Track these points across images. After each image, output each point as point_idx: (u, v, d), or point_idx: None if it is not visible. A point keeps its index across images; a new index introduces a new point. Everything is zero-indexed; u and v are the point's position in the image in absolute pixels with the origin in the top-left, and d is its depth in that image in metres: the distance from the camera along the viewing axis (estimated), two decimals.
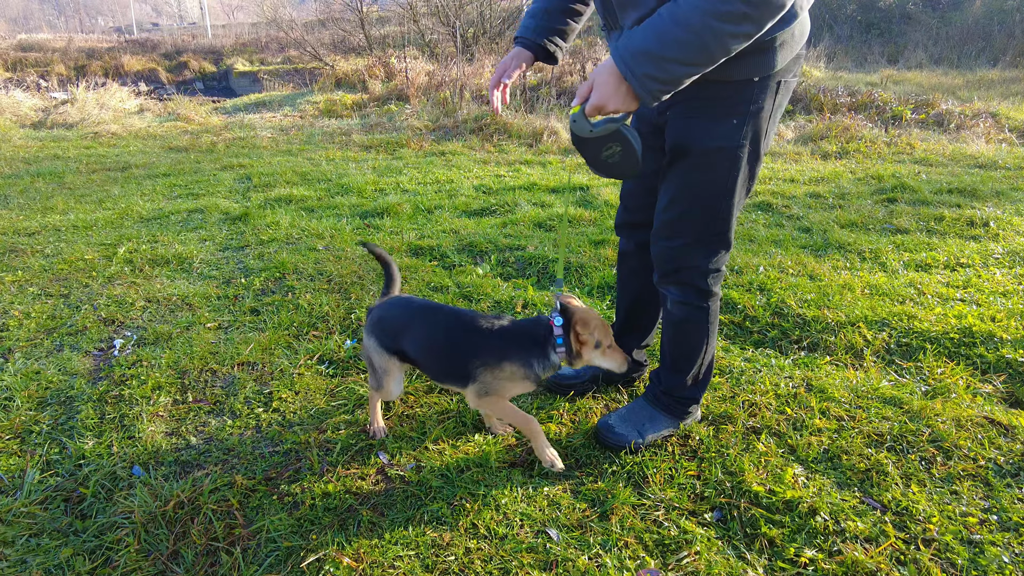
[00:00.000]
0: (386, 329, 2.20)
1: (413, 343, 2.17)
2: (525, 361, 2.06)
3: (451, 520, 1.94)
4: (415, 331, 2.18)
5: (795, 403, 2.49)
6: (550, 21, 2.12)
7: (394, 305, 2.26)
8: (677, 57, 1.48)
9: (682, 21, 1.44)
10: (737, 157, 1.82)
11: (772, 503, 1.98)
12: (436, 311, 2.21)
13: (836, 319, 3.13)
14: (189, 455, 2.29)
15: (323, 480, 2.12)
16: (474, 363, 2.06)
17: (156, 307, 3.52)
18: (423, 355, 2.17)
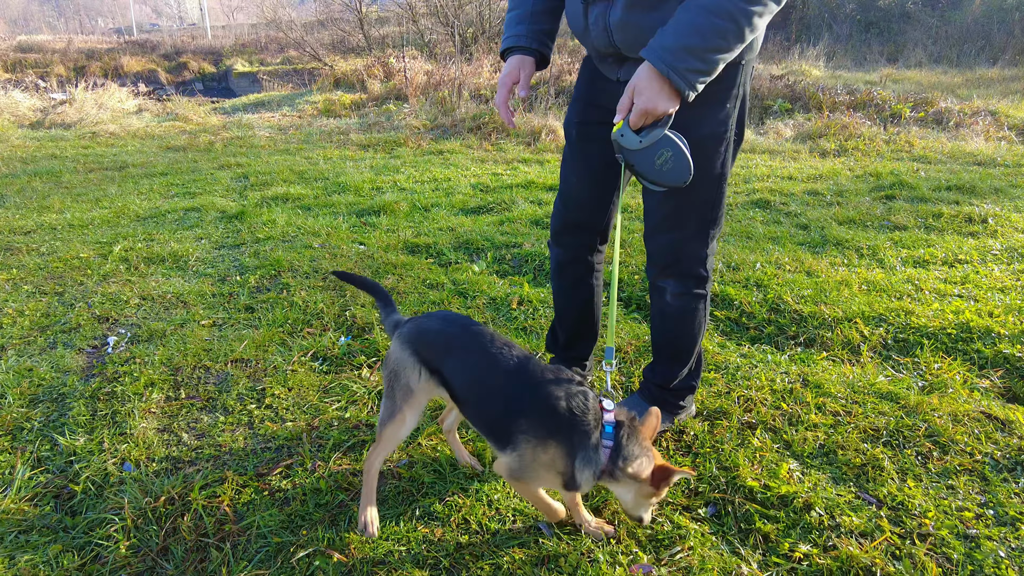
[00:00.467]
0: (430, 343, 1.81)
1: (462, 370, 1.77)
2: (569, 450, 1.63)
3: (443, 516, 1.93)
4: (467, 356, 1.77)
5: (791, 398, 2.48)
6: (540, 24, 2.02)
7: (439, 319, 1.90)
8: (718, 46, 1.52)
9: (716, 10, 1.48)
10: (727, 140, 1.86)
11: (767, 498, 1.97)
12: (493, 341, 1.77)
13: (833, 315, 3.12)
14: (181, 452, 2.27)
15: (315, 476, 2.11)
16: (519, 425, 1.65)
17: (151, 304, 3.51)
18: (471, 388, 1.76)
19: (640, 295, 3.43)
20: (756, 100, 10.85)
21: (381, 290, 2.14)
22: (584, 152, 2.09)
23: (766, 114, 10.36)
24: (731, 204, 5.29)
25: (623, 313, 3.27)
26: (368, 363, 2.79)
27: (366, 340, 2.97)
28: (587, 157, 2.09)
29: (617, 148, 1.69)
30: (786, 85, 11.34)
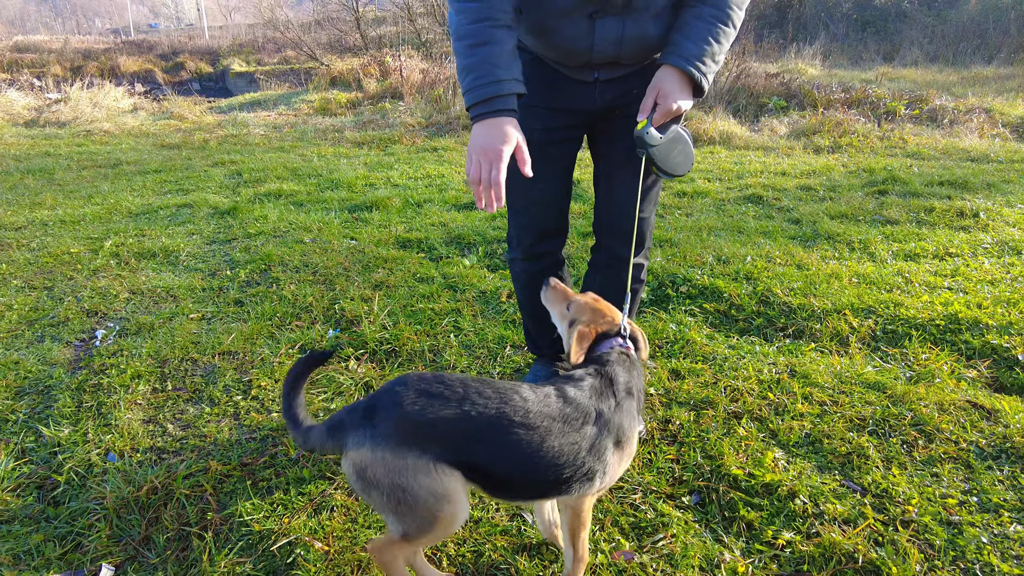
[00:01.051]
0: (445, 433, 1.34)
1: (498, 452, 1.37)
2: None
3: None
4: (497, 434, 1.36)
5: (778, 388, 2.48)
6: (516, 67, 1.66)
7: (432, 392, 1.38)
8: (726, 48, 1.74)
9: (725, 19, 1.70)
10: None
11: (751, 486, 1.97)
12: (511, 393, 1.41)
13: (822, 307, 3.12)
14: (165, 442, 2.26)
15: (298, 466, 2.10)
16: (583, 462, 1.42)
17: (140, 299, 3.50)
18: (514, 468, 1.39)
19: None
20: (751, 98, 10.85)
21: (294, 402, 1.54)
22: (551, 156, 2.02)
23: (761, 112, 10.36)
24: (724, 199, 5.30)
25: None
26: (356, 355, 2.79)
27: (354, 333, 2.97)
28: (554, 161, 2.04)
29: (640, 144, 1.78)
30: (781, 83, 11.35)
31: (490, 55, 1.59)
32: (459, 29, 1.62)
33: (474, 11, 1.59)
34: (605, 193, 2.10)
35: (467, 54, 1.60)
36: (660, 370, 2.61)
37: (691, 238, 4.20)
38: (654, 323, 3.03)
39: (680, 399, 2.42)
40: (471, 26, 1.59)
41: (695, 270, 3.57)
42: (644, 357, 1.70)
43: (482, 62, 1.59)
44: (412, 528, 1.36)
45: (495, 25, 1.60)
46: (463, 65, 1.62)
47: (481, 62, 1.59)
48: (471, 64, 1.60)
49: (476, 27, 1.59)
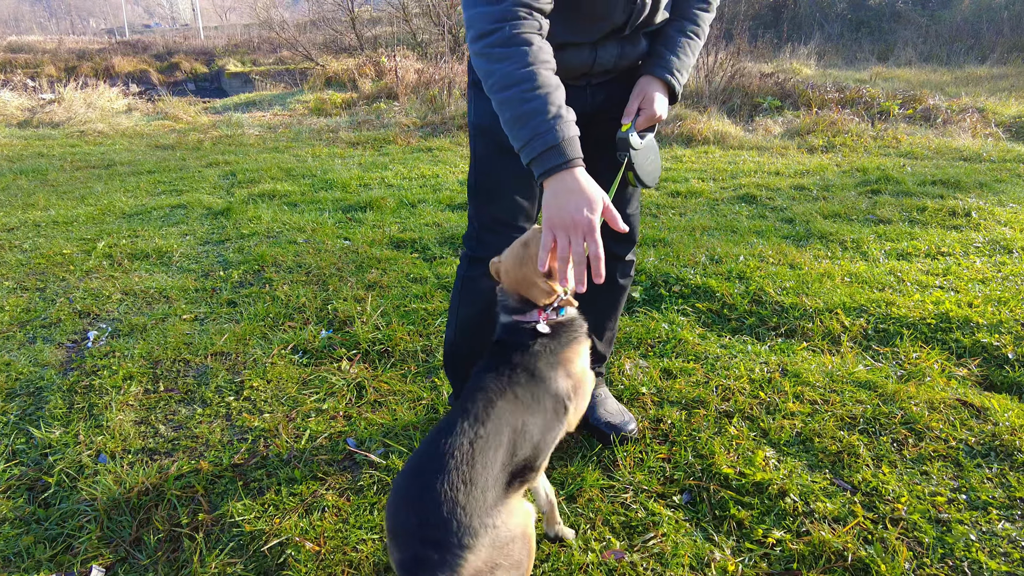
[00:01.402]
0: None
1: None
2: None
3: None
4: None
5: (769, 387, 2.48)
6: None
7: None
8: (695, 63, 1.95)
9: (700, 34, 1.84)
10: None
11: (742, 485, 1.97)
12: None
13: (814, 306, 3.13)
14: (157, 443, 2.26)
15: (289, 467, 2.10)
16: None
17: (133, 300, 3.49)
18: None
19: None
20: (746, 97, 10.87)
21: None
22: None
23: (755, 111, 10.38)
24: (717, 199, 5.31)
25: None
26: (348, 355, 2.79)
27: (347, 333, 2.96)
28: None
29: (622, 146, 1.78)
30: (776, 83, 11.37)
31: (554, 98, 1.44)
32: (511, 75, 1.43)
33: (523, 56, 1.44)
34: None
35: (523, 100, 1.42)
36: (652, 369, 2.62)
37: (684, 238, 4.20)
38: (646, 322, 3.04)
39: (672, 398, 2.42)
40: (524, 70, 1.43)
41: (688, 270, 3.58)
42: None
43: (544, 105, 1.42)
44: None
45: (548, 67, 1.48)
46: (520, 113, 1.43)
47: (543, 106, 1.42)
48: (531, 110, 1.42)
49: (529, 71, 1.43)
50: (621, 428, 2.17)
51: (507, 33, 1.45)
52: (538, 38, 1.49)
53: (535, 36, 1.48)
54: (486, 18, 1.47)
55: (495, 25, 1.45)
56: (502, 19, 1.46)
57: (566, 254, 1.40)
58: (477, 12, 1.50)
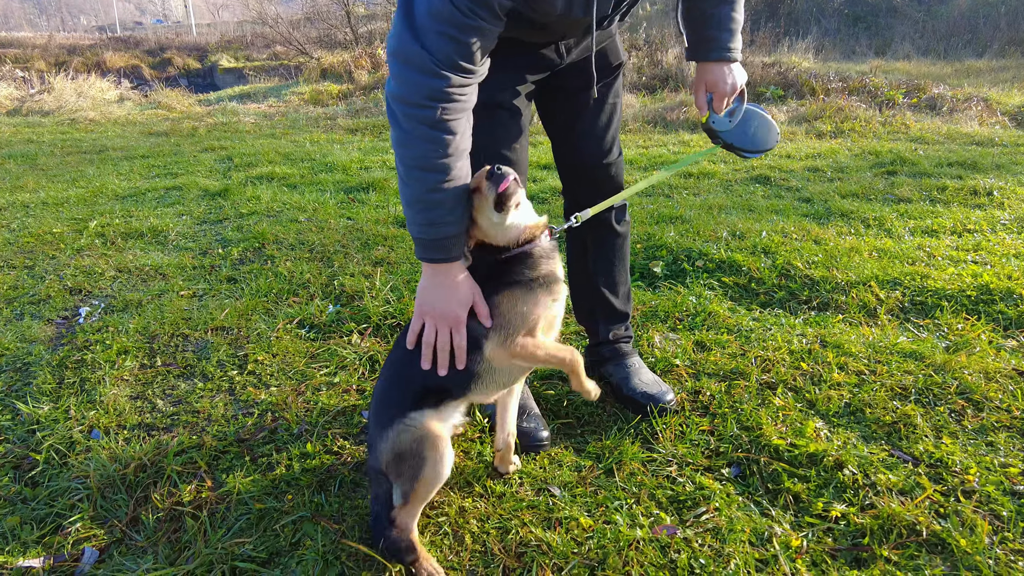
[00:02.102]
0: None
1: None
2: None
3: None
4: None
5: (810, 358, 2.33)
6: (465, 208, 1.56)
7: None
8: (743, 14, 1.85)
9: (741, 6, 1.80)
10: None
11: (794, 457, 1.81)
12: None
13: (846, 279, 2.97)
14: (155, 418, 2.08)
15: (301, 441, 1.93)
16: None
17: (127, 277, 3.31)
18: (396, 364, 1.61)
19: (642, 263, 3.28)
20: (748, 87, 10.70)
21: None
22: (524, 118, 1.88)
23: (758, 100, 10.26)
24: (731, 180, 5.16)
25: None
26: (359, 330, 2.62)
27: (356, 308, 2.79)
28: (524, 121, 1.90)
29: (712, 136, 1.87)
30: (778, 72, 11.26)
31: (458, 193, 1.48)
32: (427, 159, 1.43)
33: (444, 146, 1.43)
34: (569, 146, 2.01)
35: (433, 189, 1.46)
36: (684, 342, 2.46)
37: (702, 215, 4.05)
38: (672, 296, 2.88)
39: (708, 370, 2.27)
40: (441, 161, 1.44)
41: (710, 244, 3.42)
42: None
43: (449, 200, 1.47)
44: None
45: (463, 156, 1.49)
46: (425, 200, 1.47)
47: (448, 200, 1.47)
48: (436, 201, 1.47)
49: (445, 163, 1.44)
50: (659, 399, 2.01)
51: (435, 117, 1.40)
52: (464, 124, 1.47)
53: (462, 121, 1.45)
54: (418, 89, 1.40)
55: (426, 102, 1.39)
56: (435, 98, 1.39)
57: (432, 340, 1.49)
58: (410, 77, 1.40)
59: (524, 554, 1.50)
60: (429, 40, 1.36)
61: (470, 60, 1.42)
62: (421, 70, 1.38)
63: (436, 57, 1.37)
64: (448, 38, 1.37)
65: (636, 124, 8.06)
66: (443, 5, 1.35)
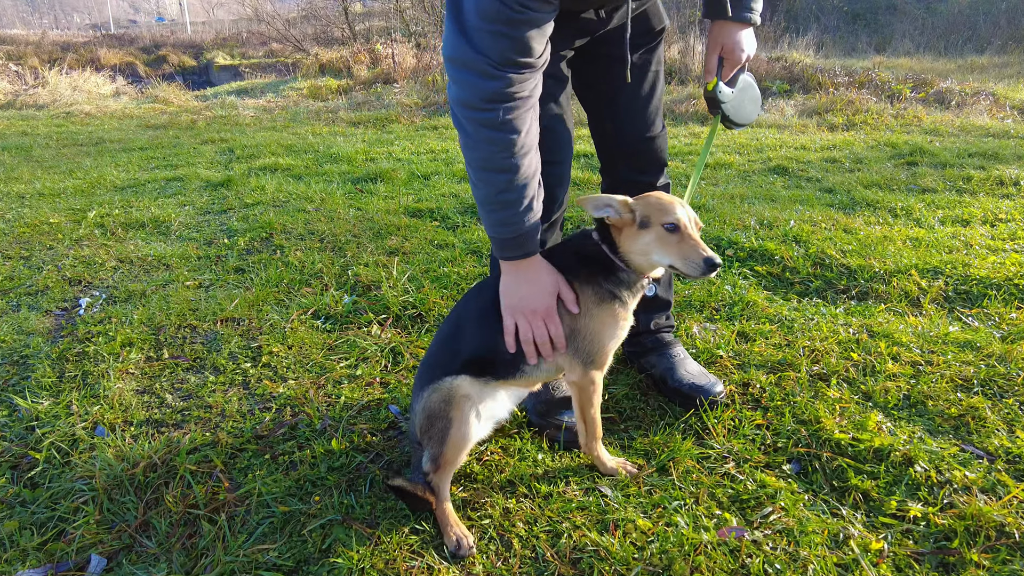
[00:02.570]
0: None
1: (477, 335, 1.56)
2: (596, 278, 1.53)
3: (483, 476, 1.62)
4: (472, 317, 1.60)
5: (859, 349, 2.19)
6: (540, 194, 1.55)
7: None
8: None
9: None
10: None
11: (858, 452, 1.68)
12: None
13: (885, 268, 2.84)
14: (164, 414, 1.94)
15: (325, 437, 1.78)
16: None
17: (129, 267, 3.16)
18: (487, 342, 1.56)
19: None
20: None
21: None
22: (568, 86, 1.78)
23: (764, 95, 10.14)
24: (749, 170, 5.03)
25: None
26: (378, 320, 2.47)
27: (373, 297, 2.65)
28: (568, 92, 1.80)
29: (713, 105, 1.74)
30: (783, 67, 11.15)
31: (529, 190, 1.45)
32: (494, 160, 1.40)
33: (510, 146, 1.38)
34: (609, 119, 1.87)
35: (502, 189, 1.43)
36: (725, 332, 2.32)
37: (725, 204, 3.92)
38: (706, 285, 2.74)
39: (753, 361, 2.13)
40: (509, 161, 1.40)
41: (739, 233, 3.28)
42: None
43: (519, 198, 1.44)
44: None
45: (531, 154, 1.44)
46: (496, 200, 1.45)
47: (519, 198, 1.44)
48: (507, 200, 1.44)
49: (513, 163, 1.40)
50: (708, 390, 1.88)
51: (499, 119, 1.34)
52: (530, 118, 1.40)
53: (527, 116, 1.39)
54: (478, 92, 1.33)
55: (487, 105, 1.33)
56: (496, 99, 1.33)
57: (529, 337, 1.47)
58: (468, 80, 1.34)
59: (580, 560, 1.36)
60: (482, 41, 1.29)
61: (528, 54, 1.33)
62: (478, 73, 1.31)
63: (491, 58, 1.29)
64: (501, 36, 1.29)
65: None
66: (490, 3, 1.26)
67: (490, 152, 1.38)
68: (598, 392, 1.58)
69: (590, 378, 1.54)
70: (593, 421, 1.60)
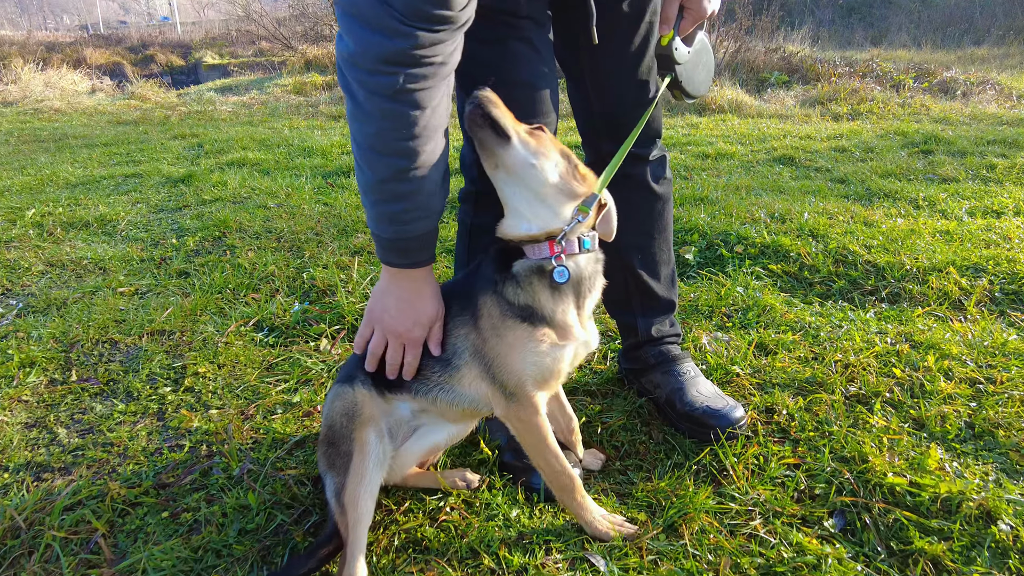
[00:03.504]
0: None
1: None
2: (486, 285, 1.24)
3: (436, 545, 1.25)
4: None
5: (902, 363, 1.83)
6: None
7: None
8: None
9: None
10: None
11: (920, 503, 1.32)
12: None
13: (917, 265, 2.48)
14: (51, 455, 1.56)
15: (242, 487, 1.41)
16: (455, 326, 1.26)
17: (59, 272, 2.78)
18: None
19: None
20: (751, 73, 10.32)
21: None
22: (545, 36, 1.44)
23: (762, 86, 9.80)
24: (751, 161, 4.67)
25: None
26: (329, 333, 2.10)
27: (327, 305, 2.28)
28: (545, 44, 1.46)
29: (665, 64, 1.48)
30: (781, 58, 10.81)
31: (427, 183, 1.15)
32: (387, 140, 1.09)
33: (410, 124, 1.09)
34: (592, 81, 1.51)
35: (394, 177, 1.13)
36: (739, 343, 1.96)
37: (730, 196, 3.56)
38: (713, 287, 2.38)
39: (777, 379, 1.77)
40: (406, 144, 1.10)
41: (748, 227, 2.92)
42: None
43: (414, 192, 1.14)
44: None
45: (434, 138, 1.13)
46: (385, 189, 1.14)
47: (413, 192, 1.14)
48: (399, 193, 1.14)
49: (411, 146, 1.10)
50: (727, 417, 1.51)
51: (397, 85, 1.04)
52: (440, 93, 1.11)
53: (436, 90, 1.10)
54: (374, 50, 1.02)
55: (385, 68, 1.03)
56: (397, 62, 1.02)
57: (378, 351, 1.24)
58: (362, 34, 1.01)
59: None
60: None
61: (445, 4, 0.99)
62: (376, 26, 0.98)
63: (395, 7, 0.96)
64: None
65: None
66: None
67: (381, 128, 1.08)
68: (541, 432, 1.22)
69: (515, 415, 1.21)
70: (554, 470, 1.24)
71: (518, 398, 1.19)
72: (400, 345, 1.23)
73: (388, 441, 1.24)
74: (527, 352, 1.17)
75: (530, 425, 1.20)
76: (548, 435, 1.22)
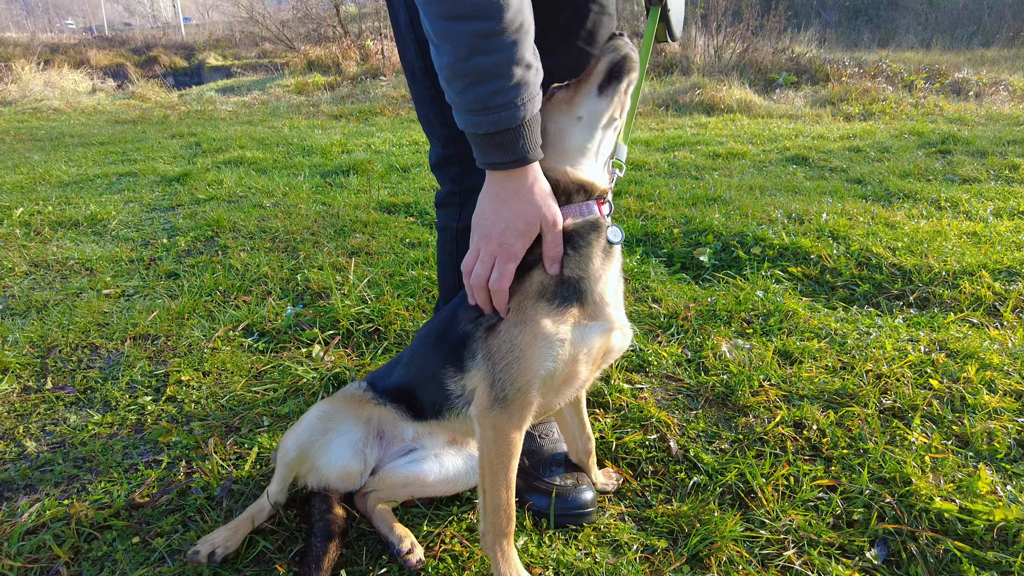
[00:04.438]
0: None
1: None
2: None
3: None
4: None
5: (939, 374, 1.70)
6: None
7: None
8: None
9: None
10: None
11: (971, 531, 1.18)
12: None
13: (947, 268, 2.35)
14: (17, 471, 1.43)
15: (223, 509, 1.28)
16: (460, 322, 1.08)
17: (43, 272, 2.66)
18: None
19: (683, 251, 2.65)
20: (759, 73, 10.19)
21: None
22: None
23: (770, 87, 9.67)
24: (764, 161, 4.54)
25: (667, 273, 2.48)
26: (323, 338, 1.97)
27: (321, 308, 2.15)
28: None
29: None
30: (789, 58, 10.67)
31: (523, 50, 0.90)
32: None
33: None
34: None
35: (475, 47, 0.87)
36: (764, 351, 1.82)
37: (743, 196, 3.43)
38: (732, 291, 2.25)
39: (804, 391, 1.63)
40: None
41: (764, 228, 2.79)
42: None
43: (508, 63, 0.89)
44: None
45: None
46: (468, 66, 0.89)
47: (506, 63, 0.89)
48: (486, 67, 0.88)
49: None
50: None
51: None
52: None
53: None
54: None
55: None
56: None
57: (469, 267, 1.02)
58: None
59: None
60: None
61: None
62: None
63: None
64: None
65: (647, 107, 7.43)
66: None
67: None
68: (510, 452, 1.02)
69: (493, 421, 1.00)
70: (499, 504, 1.03)
71: (509, 402, 0.99)
72: (491, 255, 0.99)
73: (375, 442, 1.22)
74: (551, 344, 0.97)
75: (503, 438, 1.00)
76: (515, 460, 1.03)
